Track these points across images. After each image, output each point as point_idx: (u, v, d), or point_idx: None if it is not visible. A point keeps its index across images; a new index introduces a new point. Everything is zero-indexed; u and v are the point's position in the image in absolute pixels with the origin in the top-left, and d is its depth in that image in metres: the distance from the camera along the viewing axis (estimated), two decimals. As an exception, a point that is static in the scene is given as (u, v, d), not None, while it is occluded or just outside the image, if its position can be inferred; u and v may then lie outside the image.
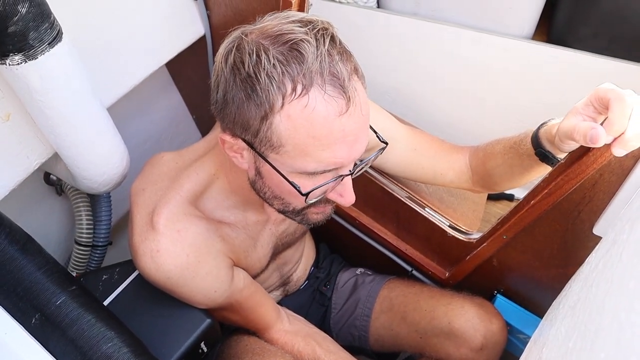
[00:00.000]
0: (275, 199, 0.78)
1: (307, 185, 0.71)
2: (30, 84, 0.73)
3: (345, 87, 0.63)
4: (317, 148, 0.65)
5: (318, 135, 0.64)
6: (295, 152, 0.66)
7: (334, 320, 1.26)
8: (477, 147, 1.03)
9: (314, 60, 0.62)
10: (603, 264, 0.47)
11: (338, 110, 0.63)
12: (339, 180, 0.72)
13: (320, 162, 0.67)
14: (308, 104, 0.63)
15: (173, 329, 0.89)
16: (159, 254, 0.81)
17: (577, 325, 0.43)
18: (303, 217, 0.81)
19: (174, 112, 1.42)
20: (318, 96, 0.63)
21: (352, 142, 0.67)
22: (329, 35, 0.65)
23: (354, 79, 0.66)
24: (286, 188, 0.72)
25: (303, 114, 0.63)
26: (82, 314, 0.76)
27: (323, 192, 0.74)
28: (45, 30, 0.70)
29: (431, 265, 1.20)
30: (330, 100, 0.63)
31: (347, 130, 0.65)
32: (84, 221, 1.14)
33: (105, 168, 0.92)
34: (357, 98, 0.65)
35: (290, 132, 0.65)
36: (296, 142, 0.65)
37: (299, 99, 0.63)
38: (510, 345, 1.12)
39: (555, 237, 0.91)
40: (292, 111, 0.63)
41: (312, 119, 0.63)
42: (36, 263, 0.78)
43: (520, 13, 1.25)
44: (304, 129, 0.64)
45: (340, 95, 0.63)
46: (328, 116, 0.63)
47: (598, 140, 0.64)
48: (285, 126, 0.64)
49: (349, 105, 0.64)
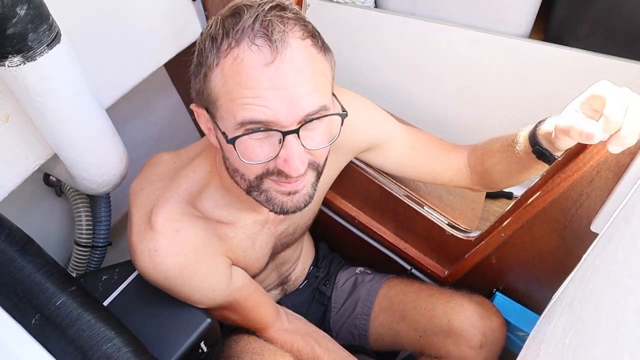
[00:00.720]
0: (236, 174, 0.77)
1: (254, 150, 0.70)
2: (29, 85, 0.73)
3: (273, 39, 0.65)
4: (247, 97, 0.66)
5: (244, 83, 0.66)
6: (226, 104, 0.68)
7: (333, 320, 1.26)
8: (475, 145, 1.03)
9: (249, 18, 0.66)
10: (599, 261, 0.47)
11: (263, 59, 0.65)
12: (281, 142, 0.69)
13: (246, 109, 0.67)
14: (237, 56, 0.66)
15: (173, 328, 0.89)
16: (157, 254, 0.81)
17: (574, 322, 0.43)
18: (267, 195, 0.77)
19: (172, 113, 1.42)
20: (246, 48, 0.66)
21: (286, 96, 0.66)
22: (275, 3, 0.68)
23: (292, 35, 0.67)
24: (233, 153, 0.72)
25: (232, 66, 0.66)
26: (82, 315, 0.76)
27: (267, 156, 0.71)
28: (44, 31, 0.70)
29: (430, 263, 1.21)
30: (255, 49, 0.65)
31: (275, 81, 0.65)
32: (84, 222, 1.14)
33: (104, 169, 0.92)
34: (289, 52, 0.66)
35: (222, 84, 0.68)
36: (226, 92, 0.68)
37: (230, 52, 0.66)
38: (510, 342, 1.12)
39: (553, 235, 0.92)
40: (225, 64, 0.67)
41: (239, 69, 0.66)
42: (36, 264, 0.79)
43: (517, 12, 1.25)
44: (232, 79, 0.67)
45: (267, 45, 0.65)
46: (253, 65, 0.65)
47: (594, 137, 0.64)
48: (218, 79, 0.68)
49: (276, 56, 0.65)
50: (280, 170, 0.72)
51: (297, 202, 0.78)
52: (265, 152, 0.71)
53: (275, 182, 0.75)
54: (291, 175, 0.71)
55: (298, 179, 0.75)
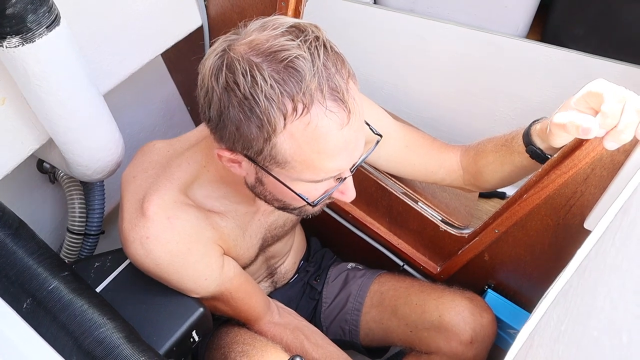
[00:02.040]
0: (275, 201, 0.80)
1: (311, 192, 0.73)
2: (27, 67, 0.73)
3: (345, 100, 0.64)
4: (322, 161, 0.67)
5: (322, 149, 0.65)
6: (301, 167, 0.68)
7: (324, 315, 1.26)
8: (469, 146, 1.04)
9: (312, 77, 0.62)
10: (595, 251, 0.47)
11: (340, 123, 0.64)
12: (340, 181, 0.74)
13: (325, 172, 0.69)
14: (310, 122, 0.63)
15: (165, 317, 0.89)
16: (149, 241, 0.81)
17: (569, 309, 0.43)
18: (300, 210, 0.82)
19: (168, 103, 1.42)
20: (320, 113, 0.63)
21: (353, 148, 0.69)
22: (322, 46, 0.64)
23: (351, 85, 0.66)
24: (290, 194, 0.74)
25: (306, 132, 0.63)
26: (74, 300, 0.76)
27: (325, 193, 0.75)
28: (44, 13, 0.70)
29: (423, 260, 1.21)
30: (331, 115, 0.63)
31: (348, 139, 0.67)
32: (77, 209, 1.14)
33: (100, 155, 0.92)
34: (356, 107, 0.66)
35: (295, 150, 0.65)
36: (302, 159, 0.67)
37: (301, 118, 0.63)
38: (500, 339, 1.13)
39: (546, 232, 0.92)
40: (295, 130, 0.63)
41: (315, 136, 0.64)
42: (28, 248, 0.78)
43: (515, 12, 1.26)
44: (308, 146, 0.65)
45: (341, 108, 0.64)
46: (331, 131, 0.64)
47: (590, 132, 0.65)
48: (289, 145, 0.65)
49: (350, 117, 0.65)
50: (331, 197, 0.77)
51: (319, 209, 0.84)
52: (321, 190, 0.75)
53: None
54: (347, 201, 0.78)
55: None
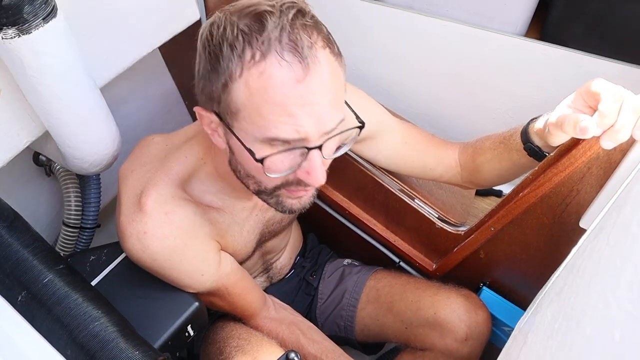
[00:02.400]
0: (248, 178, 0.77)
1: (276, 164, 0.70)
2: (23, 59, 0.72)
3: (304, 55, 0.63)
4: (275, 114, 0.65)
5: (274, 100, 0.64)
6: (252, 117, 0.66)
7: (320, 310, 1.26)
8: (467, 143, 1.04)
9: (274, 29, 0.62)
10: (590, 250, 0.48)
11: (295, 76, 0.63)
12: (305, 155, 0.70)
13: (277, 127, 0.66)
14: (265, 70, 0.63)
15: (160, 311, 0.89)
16: (146, 236, 0.81)
17: (563, 308, 0.43)
18: (277, 200, 0.79)
19: (166, 97, 1.41)
20: (275, 62, 0.63)
21: (315, 113, 0.66)
22: (295, 9, 0.64)
23: (319, 49, 0.65)
24: (252, 163, 0.71)
25: (259, 80, 0.63)
26: (69, 293, 0.76)
27: (289, 168, 0.71)
28: (40, 5, 0.69)
29: (419, 257, 1.21)
30: (286, 65, 0.63)
31: (306, 98, 0.64)
32: (73, 203, 1.13)
33: (96, 148, 0.92)
34: (318, 67, 0.64)
35: (246, 97, 0.65)
36: (253, 106, 0.65)
37: (256, 65, 0.63)
38: (494, 337, 1.13)
39: (542, 230, 0.92)
40: (250, 78, 0.64)
41: (267, 85, 0.63)
42: (23, 240, 0.78)
43: (514, 10, 1.26)
44: (259, 94, 0.64)
45: (298, 61, 0.63)
46: (284, 82, 0.63)
47: (587, 131, 0.65)
48: (243, 92, 0.65)
49: (307, 73, 0.63)
50: (300, 180, 0.73)
51: (304, 204, 0.80)
52: (287, 165, 0.71)
53: (288, 189, 0.76)
54: (313, 186, 0.73)
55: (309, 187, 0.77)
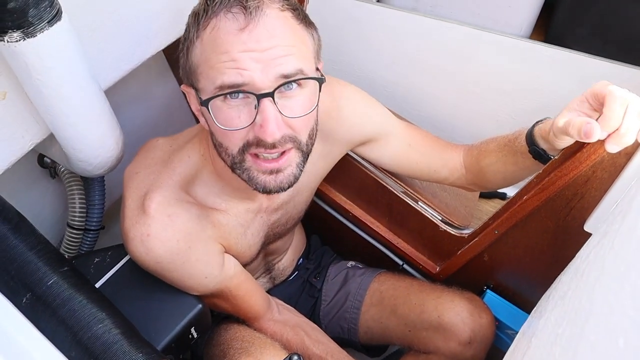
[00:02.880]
0: (222, 150, 0.77)
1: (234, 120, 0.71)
2: (28, 62, 0.72)
3: (248, 7, 0.67)
4: (220, 61, 0.69)
5: (220, 49, 0.68)
6: (205, 71, 0.71)
7: (323, 312, 1.26)
8: (472, 145, 1.03)
9: None
10: (594, 255, 0.47)
11: (237, 25, 0.68)
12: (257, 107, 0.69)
13: (224, 73, 0.69)
14: (215, 25, 0.69)
15: (164, 313, 0.89)
16: (150, 238, 0.81)
17: (567, 313, 0.43)
18: (249, 174, 0.76)
19: (170, 99, 1.41)
20: (222, 16, 0.69)
21: (261, 59, 0.68)
22: None
23: (267, 4, 0.69)
24: (219, 130, 0.73)
25: (210, 35, 0.70)
26: (74, 295, 0.76)
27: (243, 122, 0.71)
28: (45, 8, 0.69)
29: (422, 259, 1.21)
30: (230, 16, 0.68)
31: (249, 45, 0.68)
32: (77, 205, 1.14)
33: (100, 150, 0.92)
34: (263, 18, 0.68)
35: (200, 53, 0.71)
36: (204, 59, 0.71)
37: (209, 23, 0.69)
38: (498, 340, 1.13)
39: (546, 233, 0.92)
40: (204, 35, 0.70)
41: (215, 36, 0.69)
42: (28, 243, 0.78)
43: (518, 12, 1.26)
44: (209, 46, 0.70)
45: (241, 11, 0.68)
46: (228, 31, 0.68)
47: (592, 134, 0.65)
48: (198, 50, 0.71)
49: (249, 21, 0.68)
50: (259, 139, 0.71)
51: (280, 182, 0.77)
52: (242, 119, 0.71)
53: (256, 159, 0.75)
54: (266, 140, 0.70)
55: (279, 158, 0.74)
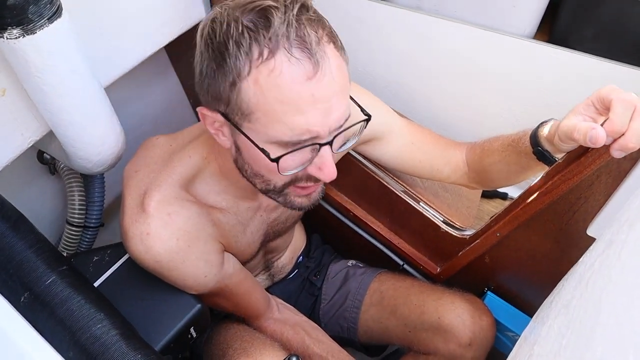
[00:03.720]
0: (255, 177, 0.77)
1: (287, 162, 0.70)
2: (27, 59, 0.72)
3: (313, 51, 0.62)
4: (288, 114, 0.64)
5: (286, 99, 0.63)
6: (266, 118, 0.65)
7: (323, 311, 1.26)
8: (475, 143, 1.03)
9: (281, 25, 0.62)
10: (599, 263, 0.47)
11: (305, 74, 0.62)
12: (315, 151, 0.70)
13: (292, 128, 0.65)
14: (274, 68, 0.62)
15: (163, 313, 0.88)
16: (149, 237, 0.80)
17: (571, 322, 0.43)
18: (286, 198, 0.79)
19: (171, 97, 1.41)
20: (284, 59, 0.62)
21: (326, 109, 0.65)
22: (300, 4, 0.64)
23: (325, 44, 0.64)
24: (262, 162, 0.70)
25: (270, 78, 0.62)
26: (72, 294, 0.75)
27: (300, 164, 0.71)
28: (45, 5, 0.69)
29: (423, 260, 1.21)
30: (296, 63, 0.62)
31: (317, 95, 0.64)
32: (77, 202, 1.13)
33: (100, 148, 0.91)
34: (327, 63, 0.64)
35: (258, 98, 0.64)
36: (266, 108, 0.64)
37: (265, 63, 0.62)
38: (498, 342, 1.12)
39: (548, 237, 0.92)
40: (259, 76, 0.63)
41: (279, 83, 0.62)
42: (27, 241, 0.78)
43: (523, 12, 1.25)
44: (271, 94, 0.63)
45: (307, 58, 0.62)
46: (295, 80, 0.62)
47: (598, 140, 0.64)
48: (253, 92, 0.64)
49: (317, 70, 0.63)
50: (310, 176, 0.73)
51: (312, 200, 0.80)
52: (298, 162, 0.71)
53: (296, 188, 0.76)
54: (325, 181, 0.73)
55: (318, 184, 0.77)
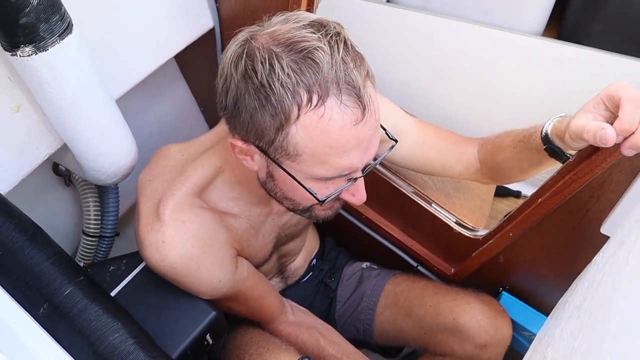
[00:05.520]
0: (285, 200, 0.80)
1: (322, 190, 0.72)
2: (40, 75, 0.73)
3: (361, 96, 0.63)
4: (334, 156, 0.66)
5: (335, 144, 0.65)
6: (312, 161, 0.67)
7: (338, 313, 1.26)
8: (486, 139, 1.02)
9: (330, 69, 0.61)
10: (610, 266, 0.47)
11: (354, 119, 0.64)
12: (352, 180, 0.73)
13: (336, 168, 0.68)
14: (324, 114, 0.63)
15: (179, 320, 0.89)
16: (165, 245, 0.82)
17: (583, 326, 0.43)
18: (311, 213, 0.82)
19: (182, 105, 1.42)
20: (334, 106, 0.62)
21: (367, 147, 0.68)
22: (342, 41, 0.64)
23: (368, 84, 0.66)
24: (300, 192, 0.73)
25: (319, 124, 0.63)
26: (90, 305, 0.77)
27: (335, 190, 0.74)
28: (56, 22, 0.70)
29: (437, 261, 1.20)
30: (346, 109, 0.63)
31: (361, 137, 0.66)
32: (92, 212, 1.15)
33: (113, 159, 0.92)
34: (372, 105, 0.65)
35: (307, 142, 0.65)
36: (313, 151, 0.66)
37: (315, 109, 0.62)
38: (515, 342, 1.12)
39: (562, 236, 0.91)
40: (309, 122, 0.63)
41: (328, 129, 0.63)
42: (45, 253, 0.79)
43: (531, 9, 1.24)
44: (320, 139, 0.64)
45: (357, 104, 0.63)
46: (344, 125, 0.63)
47: (608, 140, 0.64)
48: (301, 136, 0.64)
49: (365, 114, 0.64)
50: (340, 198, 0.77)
51: (335, 211, 0.84)
52: (332, 189, 0.74)
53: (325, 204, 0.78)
54: (357, 204, 0.79)
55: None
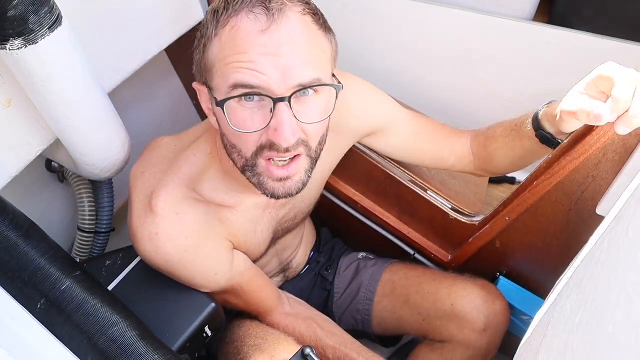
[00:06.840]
0: (234, 151, 0.77)
1: (247, 122, 0.71)
2: (31, 69, 0.73)
3: (270, 8, 0.67)
4: (239, 60, 0.68)
5: (239, 49, 0.68)
6: (221, 68, 0.70)
7: (336, 305, 1.26)
8: (479, 131, 1.03)
9: None
10: (608, 242, 0.47)
11: (259, 26, 0.67)
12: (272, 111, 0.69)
13: (239, 72, 0.68)
14: (235, 24, 0.68)
15: (177, 313, 0.89)
16: (158, 237, 0.81)
17: (584, 301, 0.43)
18: (260, 178, 0.77)
19: (174, 99, 1.42)
20: (243, 16, 0.67)
21: (280, 65, 0.67)
22: None
23: (290, 7, 0.68)
24: (233, 132, 0.72)
25: (230, 34, 0.68)
26: (87, 299, 0.76)
27: (257, 126, 0.71)
28: (45, 14, 0.69)
29: (433, 248, 1.21)
30: (253, 17, 0.67)
31: (269, 47, 0.67)
32: (87, 208, 1.14)
33: (107, 154, 0.92)
34: (285, 21, 0.67)
35: (218, 51, 0.70)
36: (222, 58, 0.70)
37: (229, 21, 0.68)
38: (513, 326, 1.12)
39: (558, 218, 0.91)
40: (223, 33, 0.69)
41: (234, 36, 0.68)
42: (40, 249, 0.79)
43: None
44: (227, 45, 0.69)
45: (263, 13, 0.67)
46: (249, 31, 0.67)
47: (602, 118, 0.64)
48: (216, 47, 0.70)
49: (271, 24, 0.66)
50: (272, 143, 0.71)
51: (288, 189, 0.78)
52: (256, 122, 0.71)
53: (269, 164, 0.75)
54: (280, 144, 0.70)
55: (289, 165, 0.75)
